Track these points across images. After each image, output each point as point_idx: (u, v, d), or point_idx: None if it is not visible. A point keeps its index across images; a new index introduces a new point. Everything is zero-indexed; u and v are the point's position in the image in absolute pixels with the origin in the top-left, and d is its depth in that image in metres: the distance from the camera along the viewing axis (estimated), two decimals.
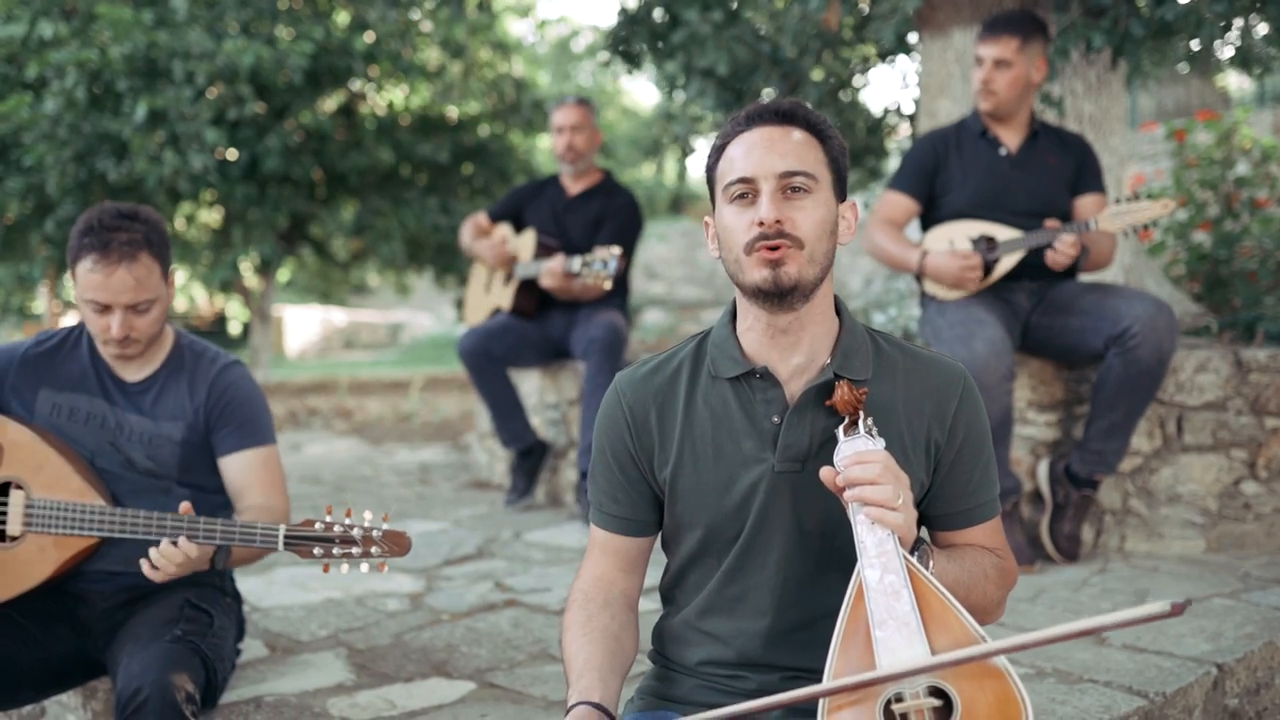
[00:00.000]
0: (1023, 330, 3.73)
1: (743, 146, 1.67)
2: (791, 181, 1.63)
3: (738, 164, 1.66)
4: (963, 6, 5.19)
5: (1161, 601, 1.30)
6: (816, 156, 1.67)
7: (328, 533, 2.22)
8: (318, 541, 2.22)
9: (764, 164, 1.63)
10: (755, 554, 1.72)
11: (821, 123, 1.69)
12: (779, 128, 1.66)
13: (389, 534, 2.22)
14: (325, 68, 8.46)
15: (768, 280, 1.62)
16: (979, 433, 1.74)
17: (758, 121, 1.67)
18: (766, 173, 1.63)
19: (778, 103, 1.69)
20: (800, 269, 1.62)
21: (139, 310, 2.47)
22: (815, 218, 1.64)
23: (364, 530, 2.22)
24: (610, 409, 1.79)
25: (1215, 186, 6.11)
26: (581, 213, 4.75)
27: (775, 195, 1.63)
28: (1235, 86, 21.28)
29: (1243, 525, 3.77)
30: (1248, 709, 2.75)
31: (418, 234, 9.54)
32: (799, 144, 1.66)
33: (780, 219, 1.61)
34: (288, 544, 2.23)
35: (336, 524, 2.22)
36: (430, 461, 6.11)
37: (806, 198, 1.64)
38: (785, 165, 1.63)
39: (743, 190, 1.65)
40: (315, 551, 2.22)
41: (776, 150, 1.64)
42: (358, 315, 19.38)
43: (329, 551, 2.22)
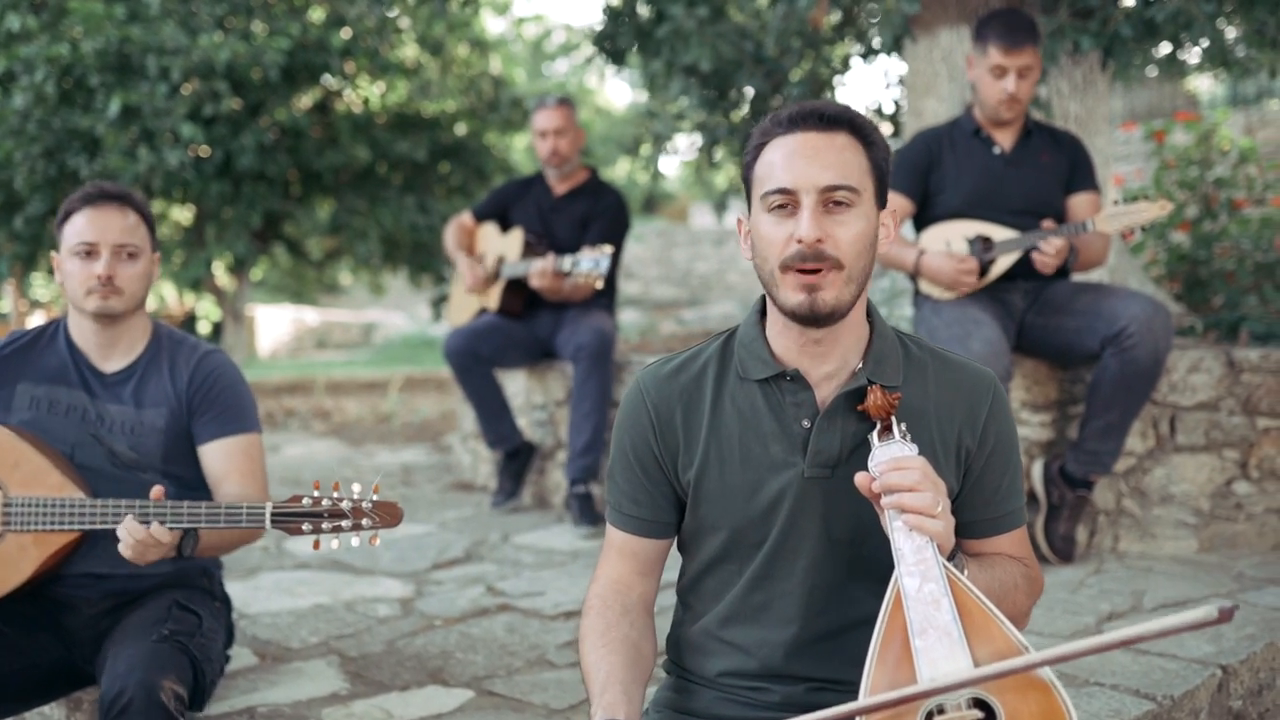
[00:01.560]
0: (1018, 330, 3.71)
1: (783, 152, 1.60)
2: (834, 195, 1.57)
3: (777, 172, 1.59)
4: (950, 6, 5.18)
5: (1208, 607, 1.27)
6: (860, 165, 1.60)
7: (316, 508, 2.14)
8: (306, 517, 2.15)
9: (806, 176, 1.57)
10: (782, 561, 1.67)
11: (867, 126, 1.62)
12: (823, 134, 1.59)
13: (380, 505, 2.15)
14: (301, 64, 8.37)
15: (803, 305, 1.57)
16: (1008, 439, 1.71)
17: (801, 125, 1.60)
18: (808, 185, 1.56)
19: (823, 105, 1.62)
20: (838, 293, 1.57)
21: (126, 256, 2.45)
22: (855, 232, 1.58)
23: (354, 502, 2.14)
24: (633, 407, 1.74)
25: (1194, 187, 6.13)
26: (568, 212, 4.70)
27: (816, 210, 1.56)
28: (1204, 89, 21.50)
29: (1235, 525, 3.77)
30: (1251, 710, 2.74)
31: (394, 233, 9.45)
32: (843, 152, 1.59)
33: (821, 237, 1.55)
34: (275, 522, 2.15)
35: (325, 498, 2.15)
36: (412, 463, 6.03)
37: (848, 212, 1.58)
38: (828, 179, 1.56)
39: (782, 201, 1.58)
40: (304, 528, 2.15)
41: (820, 160, 1.57)
42: (330, 315, 19.18)
43: (318, 527, 2.14)
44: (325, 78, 8.90)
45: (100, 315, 2.46)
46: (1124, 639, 1.30)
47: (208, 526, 2.19)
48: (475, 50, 9.93)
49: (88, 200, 2.46)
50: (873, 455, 1.54)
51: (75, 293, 2.46)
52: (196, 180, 8.06)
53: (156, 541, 2.17)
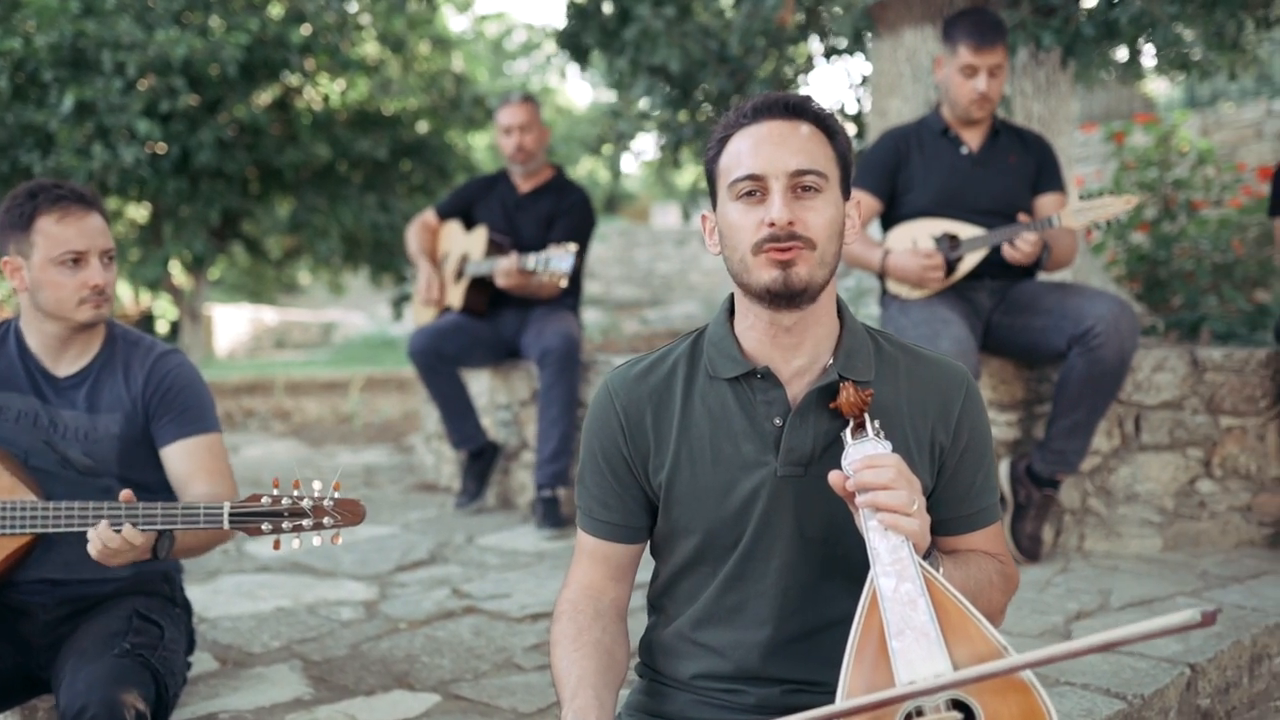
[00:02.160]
0: (984, 329, 3.71)
1: (749, 141, 1.59)
2: (803, 180, 1.56)
3: (745, 160, 1.58)
4: (913, 5, 5.19)
5: (1191, 611, 1.25)
6: (826, 153, 1.60)
7: (275, 507, 2.08)
8: (265, 517, 2.07)
9: (775, 161, 1.56)
10: (755, 562, 1.65)
11: (829, 117, 1.61)
12: (787, 122, 1.58)
13: (342, 502, 2.08)
14: (260, 60, 8.26)
15: (777, 281, 1.55)
16: (982, 435, 1.69)
17: (765, 115, 1.59)
18: (777, 170, 1.56)
19: (786, 96, 1.61)
20: (811, 271, 1.56)
21: (107, 260, 2.39)
22: (825, 218, 1.57)
23: (314, 500, 2.08)
24: (602, 411, 1.71)
25: (1153, 188, 6.19)
26: (533, 210, 4.66)
27: (786, 194, 1.55)
28: (1160, 92, 21.77)
29: (1198, 524, 3.80)
30: (1218, 709, 2.75)
31: (355, 232, 9.36)
32: (808, 140, 1.58)
33: (792, 219, 1.54)
34: (233, 522, 2.08)
35: (284, 496, 2.08)
36: (374, 463, 5.96)
37: (817, 197, 1.57)
38: (797, 163, 1.56)
39: (751, 188, 1.57)
40: (264, 528, 2.07)
41: (788, 146, 1.56)
42: (289, 314, 18.98)
43: (278, 526, 2.07)
44: (285, 74, 8.79)
45: (88, 324, 2.40)
46: (1107, 642, 1.28)
47: (163, 528, 2.12)
48: (437, 48, 9.85)
49: (58, 202, 2.35)
50: (846, 453, 1.52)
51: (63, 303, 2.36)
52: (153, 178, 7.93)
53: (128, 545, 2.10)
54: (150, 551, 2.18)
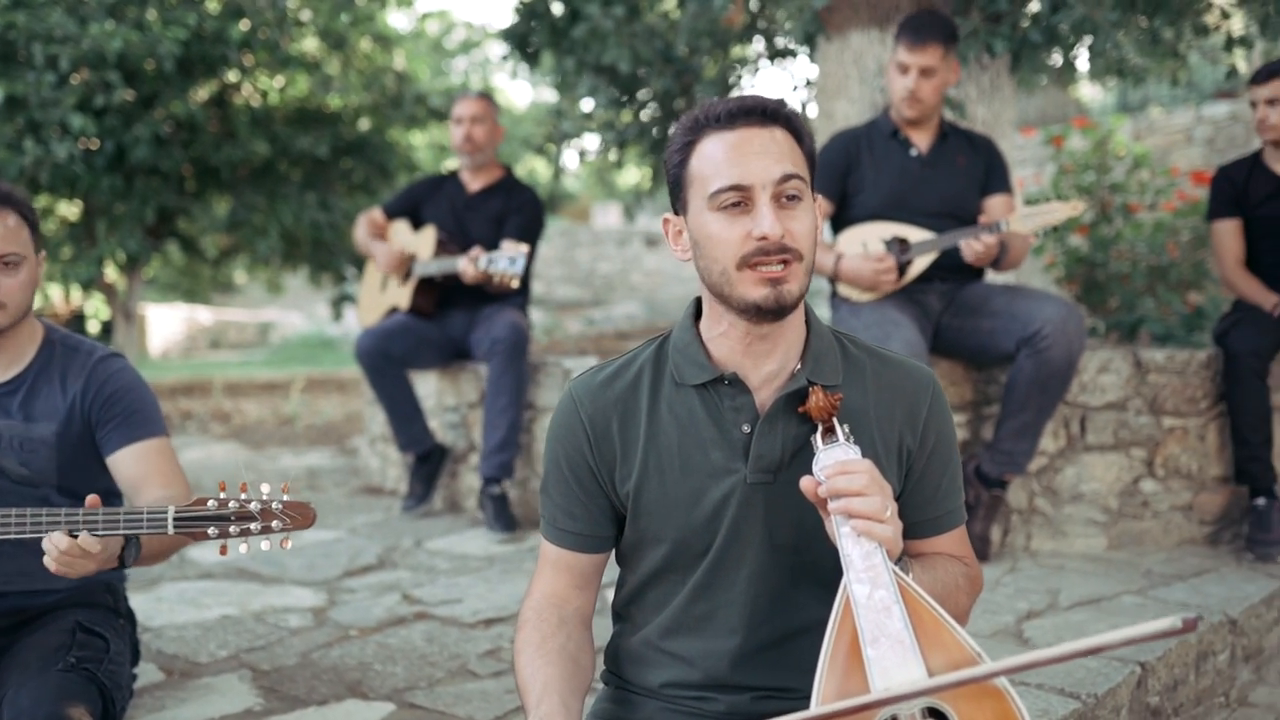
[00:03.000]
0: (934, 331, 3.74)
1: (727, 148, 1.54)
2: (787, 188, 1.53)
3: (726, 169, 1.53)
4: (860, 8, 5.22)
5: (1173, 618, 1.26)
6: (798, 154, 1.57)
7: (222, 510, 1.99)
8: (212, 521, 1.99)
9: (760, 171, 1.52)
10: (725, 570, 1.63)
11: (798, 119, 1.59)
12: (764, 128, 1.55)
13: (291, 505, 2.00)
14: (198, 56, 8.09)
15: (769, 299, 1.52)
16: (948, 439, 1.69)
17: (742, 120, 1.55)
18: (764, 180, 1.52)
19: (761, 100, 1.57)
20: (800, 284, 1.54)
21: (7, 264, 2.26)
22: (808, 225, 1.56)
23: (263, 503, 2.00)
24: (566, 419, 1.68)
25: (1091, 192, 6.29)
26: (483, 210, 4.61)
27: (772, 205, 1.52)
28: (1089, 97, 22.19)
29: (1141, 523, 3.86)
30: (1166, 706, 2.79)
31: (295, 230, 9.21)
32: (784, 144, 1.56)
33: (783, 232, 1.52)
34: (178, 526, 1.99)
35: (231, 499, 2.01)
36: (317, 466, 5.87)
37: (799, 205, 1.55)
38: (781, 170, 1.53)
39: (736, 199, 1.53)
40: (210, 532, 1.99)
41: (769, 154, 1.53)
42: (224, 314, 18.70)
43: (225, 530, 1.99)
44: (223, 70, 8.62)
45: None
46: (1084, 649, 1.29)
47: (105, 534, 2.05)
48: (378, 45, 9.73)
49: None
50: (817, 459, 1.51)
51: None
52: (87, 174, 7.74)
53: (83, 552, 2.02)
54: (117, 560, 2.11)
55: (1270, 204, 4.02)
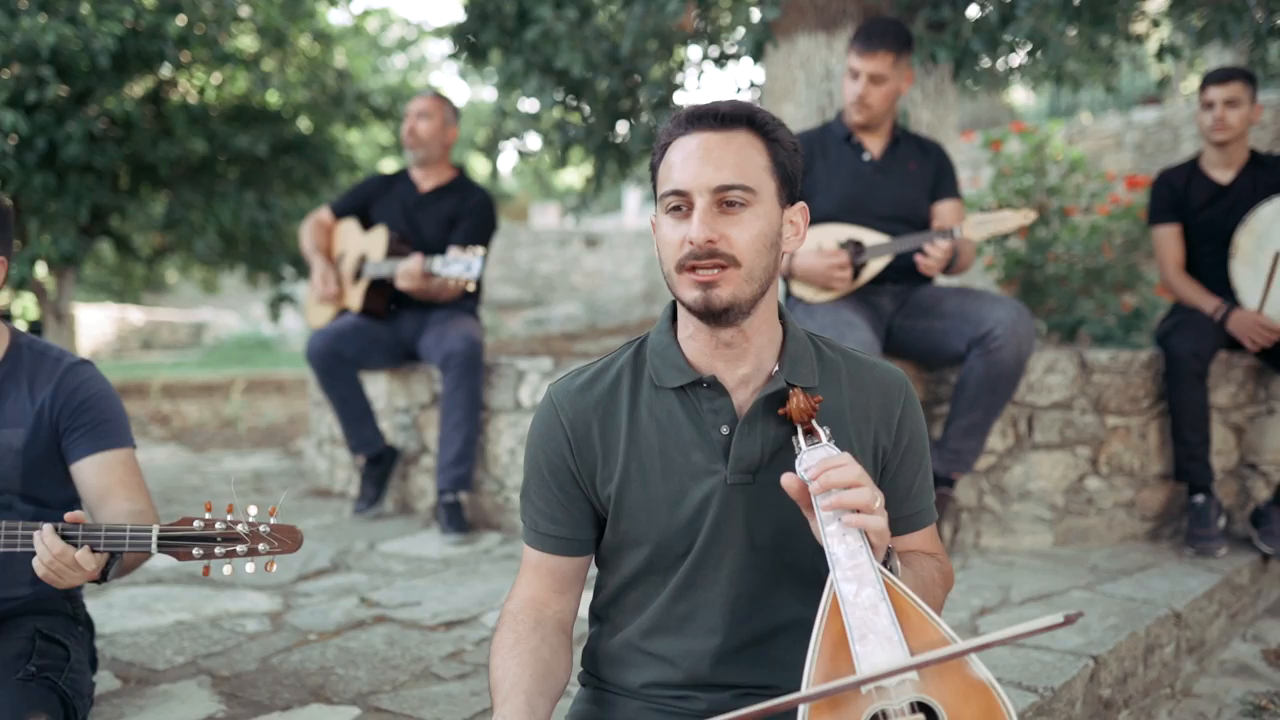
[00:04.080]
0: (886, 332, 3.80)
1: (681, 153, 1.57)
2: (726, 196, 1.55)
3: (674, 173, 1.57)
4: (807, 12, 5.28)
5: (1055, 615, 1.35)
6: (760, 163, 1.58)
7: (208, 530, 1.97)
8: (197, 541, 1.97)
9: (699, 177, 1.54)
10: (706, 570, 1.65)
11: (770, 122, 1.60)
12: (720, 133, 1.57)
13: (278, 528, 1.98)
14: (133, 51, 7.94)
15: (698, 301, 1.55)
16: (921, 438, 1.73)
17: (698, 125, 1.58)
18: (700, 186, 1.54)
19: (719, 104, 1.59)
20: (735, 289, 1.55)
21: None
22: (752, 233, 1.56)
23: (250, 525, 1.99)
24: (547, 423, 1.69)
25: (1028, 195, 6.42)
26: (434, 210, 4.58)
27: (709, 211, 1.54)
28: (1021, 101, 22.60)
29: (1086, 519, 3.95)
30: (1118, 698, 2.86)
31: (233, 230, 9.06)
32: (740, 151, 1.57)
33: (713, 238, 1.53)
34: (162, 546, 1.97)
35: (218, 520, 1.99)
36: (262, 469, 5.79)
37: (744, 211, 1.56)
38: (720, 179, 1.54)
39: (677, 203, 1.57)
40: (195, 552, 1.97)
41: (713, 161, 1.55)
42: (156, 314, 18.35)
43: (210, 551, 1.97)
44: (158, 66, 8.46)
45: None
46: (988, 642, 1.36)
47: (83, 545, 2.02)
48: (319, 43, 9.61)
49: None
50: (800, 459, 1.53)
51: None
52: (18, 171, 7.56)
53: (77, 566, 1.98)
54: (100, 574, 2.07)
55: (1209, 209, 4.14)
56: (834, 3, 5.21)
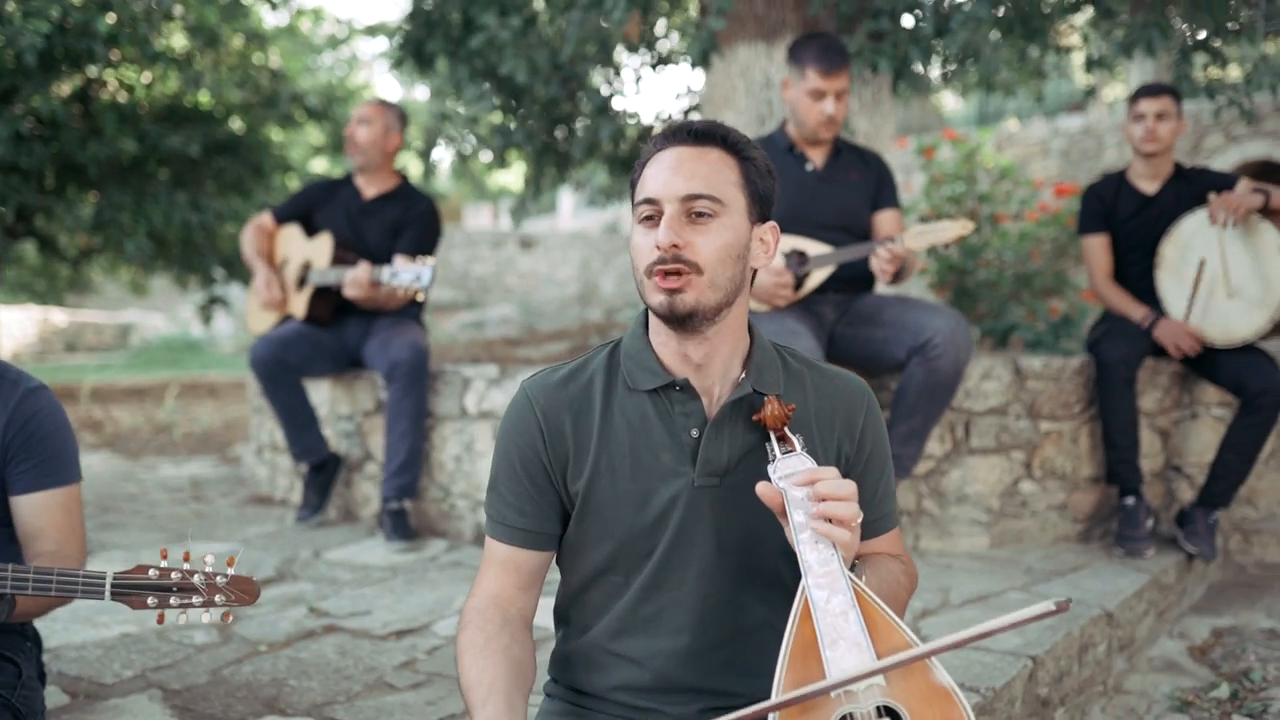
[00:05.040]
0: (829, 340, 3.87)
1: (655, 167, 1.65)
2: (694, 205, 1.61)
3: (648, 184, 1.65)
4: (747, 22, 5.36)
5: (1047, 602, 1.39)
6: (730, 178, 1.65)
7: (164, 580, 1.96)
8: (152, 591, 1.97)
9: (669, 186, 1.62)
10: (672, 570, 1.69)
11: (741, 142, 1.67)
12: (693, 148, 1.65)
13: (235, 580, 1.97)
14: (61, 49, 7.79)
15: (663, 305, 1.61)
16: (883, 445, 1.79)
17: (673, 141, 1.66)
18: (670, 195, 1.61)
19: (694, 122, 1.67)
20: (699, 295, 1.61)
21: None
22: (718, 243, 1.62)
23: (206, 577, 1.97)
24: (521, 416, 1.72)
25: (960, 202, 6.56)
26: (379, 217, 4.57)
27: (676, 219, 1.61)
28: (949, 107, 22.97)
29: (1020, 522, 4.07)
30: (1054, 696, 2.96)
31: (164, 231, 8.92)
32: (712, 165, 1.64)
33: (678, 243, 1.60)
34: (115, 594, 1.96)
35: (174, 570, 1.96)
36: (200, 476, 5.72)
37: (711, 221, 1.62)
38: (689, 188, 1.61)
39: (649, 212, 1.63)
40: (150, 601, 1.97)
41: (683, 172, 1.62)
42: (80, 315, 17.94)
43: (165, 601, 1.96)
44: (86, 65, 8.30)
45: None
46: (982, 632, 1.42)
47: (36, 594, 1.99)
48: (252, 43, 9.49)
49: None
50: (775, 466, 1.58)
51: None
52: None
53: None
54: None
55: (1135, 219, 4.28)
56: (774, 13, 5.29)
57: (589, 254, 19.06)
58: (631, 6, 4.85)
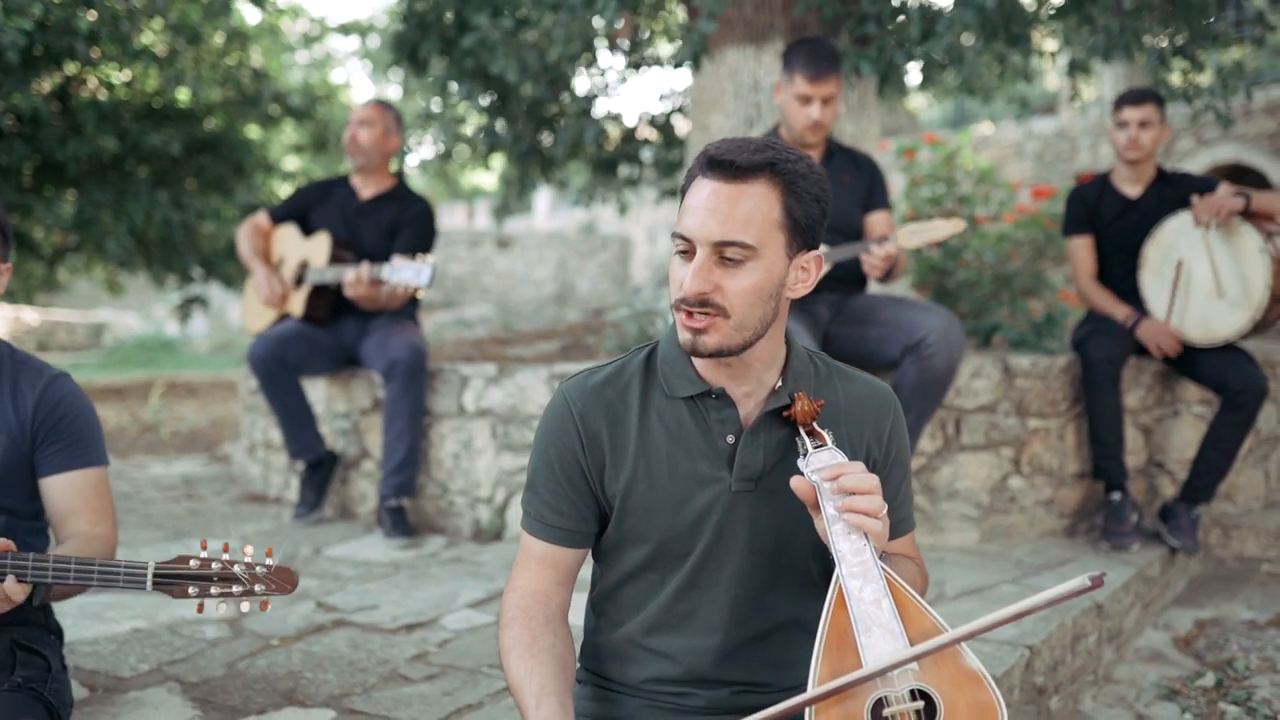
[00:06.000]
0: (823, 339, 3.95)
1: (695, 197, 1.63)
2: (725, 252, 1.61)
3: (685, 217, 1.64)
4: (736, 25, 5.43)
5: (1081, 577, 1.48)
6: (770, 216, 1.61)
7: (205, 570, 2.02)
8: (193, 580, 2.02)
9: (702, 228, 1.61)
10: (708, 571, 1.76)
11: (794, 173, 1.63)
12: (733, 185, 1.61)
13: (276, 570, 2.04)
14: (42, 46, 7.76)
15: (688, 344, 1.66)
16: (905, 450, 1.86)
17: (714, 171, 1.62)
18: (702, 238, 1.61)
19: (743, 151, 1.62)
20: (722, 339, 1.63)
21: None
22: (746, 285, 1.61)
23: (247, 567, 2.03)
24: (559, 419, 1.77)
25: (940, 203, 6.67)
26: (375, 218, 4.61)
27: (706, 263, 1.61)
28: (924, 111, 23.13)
29: (1009, 517, 4.16)
30: (1049, 685, 3.05)
31: (144, 229, 8.90)
32: (752, 204, 1.60)
33: (705, 290, 1.61)
34: (157, 584, 2.01)
35: (215, 560, 2.04)
36: (191, 474, 5.73)
37: (740, 267, 1.61)
38: (721, 235, 1.60)
39: (683, 246, 1.64)
40: (190, 591, 2.02)
41: (719, 215, 1.60)
42: (52, 314, 17.80)
43: (206, 590, 2.01)
44: (66, 62, 8.27)
45: None
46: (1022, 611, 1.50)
47: (77, 583, 2.04)
48: (233, 41, 9.48)
49: None
50: (808, 460, 1.65)
51: None
52: None
53: (5, 597, 2.00)
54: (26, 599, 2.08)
55: (1119, 222, 4.38)
56: (762, 17, 5.36)
57: (566, 254, 19.10)
58: (622, 7, 4.91)
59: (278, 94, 9.40)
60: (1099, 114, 12.14)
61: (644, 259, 19.75)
